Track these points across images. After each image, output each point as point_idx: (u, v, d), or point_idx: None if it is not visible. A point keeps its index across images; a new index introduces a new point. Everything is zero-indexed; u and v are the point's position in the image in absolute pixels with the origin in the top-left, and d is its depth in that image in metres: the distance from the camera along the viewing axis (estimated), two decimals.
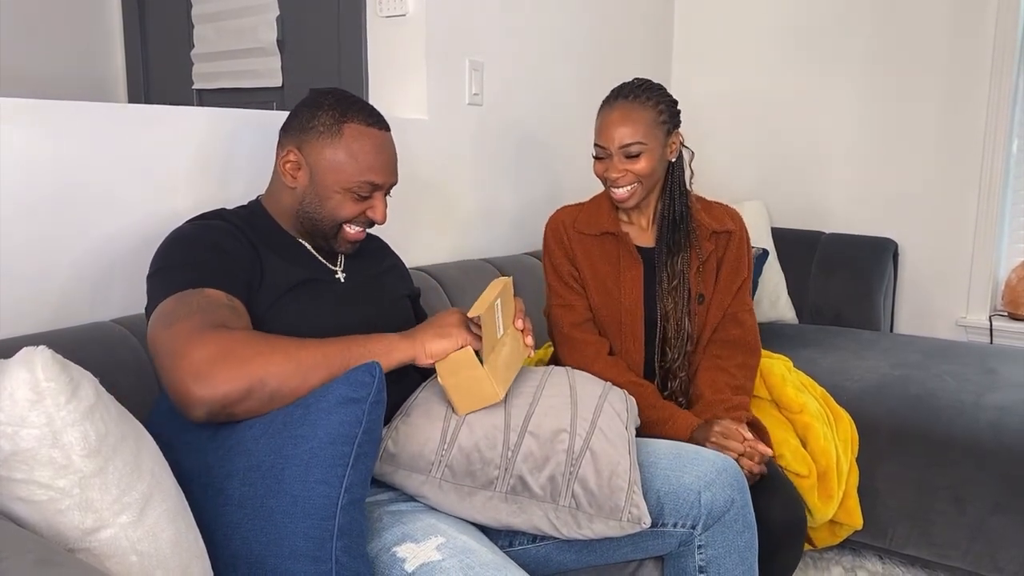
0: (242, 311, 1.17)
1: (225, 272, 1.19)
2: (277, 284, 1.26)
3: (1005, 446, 1.85)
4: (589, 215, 1.76)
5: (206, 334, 1.05)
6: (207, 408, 1.03)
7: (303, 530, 0.96)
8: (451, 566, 1.04)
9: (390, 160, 1.36)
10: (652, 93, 1.66)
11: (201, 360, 1.03)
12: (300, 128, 1.32)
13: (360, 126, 1.31)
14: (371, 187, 1.33)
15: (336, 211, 1.32)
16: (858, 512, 1.90)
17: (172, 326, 1.08)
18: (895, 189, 2.91)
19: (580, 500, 1.19)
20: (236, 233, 1.27)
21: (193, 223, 1.29)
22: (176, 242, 1.23)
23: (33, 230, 1.33)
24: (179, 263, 1.19)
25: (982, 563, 1.87)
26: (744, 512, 1.34)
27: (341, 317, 1.30)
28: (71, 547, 0.81)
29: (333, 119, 1.30)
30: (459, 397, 1.24)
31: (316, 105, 1.33)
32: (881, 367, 2.25)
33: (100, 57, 3.11)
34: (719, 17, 3.22)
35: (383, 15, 2.12)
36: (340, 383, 1.02)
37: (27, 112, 1.31)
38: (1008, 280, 2.77)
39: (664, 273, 1.71)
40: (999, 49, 2.65)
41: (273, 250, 1.30)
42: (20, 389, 0.78)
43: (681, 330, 1.70)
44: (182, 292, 1.13)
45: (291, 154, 1.33)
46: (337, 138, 1.30)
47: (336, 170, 1.30)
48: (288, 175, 1.33)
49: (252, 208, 1.39)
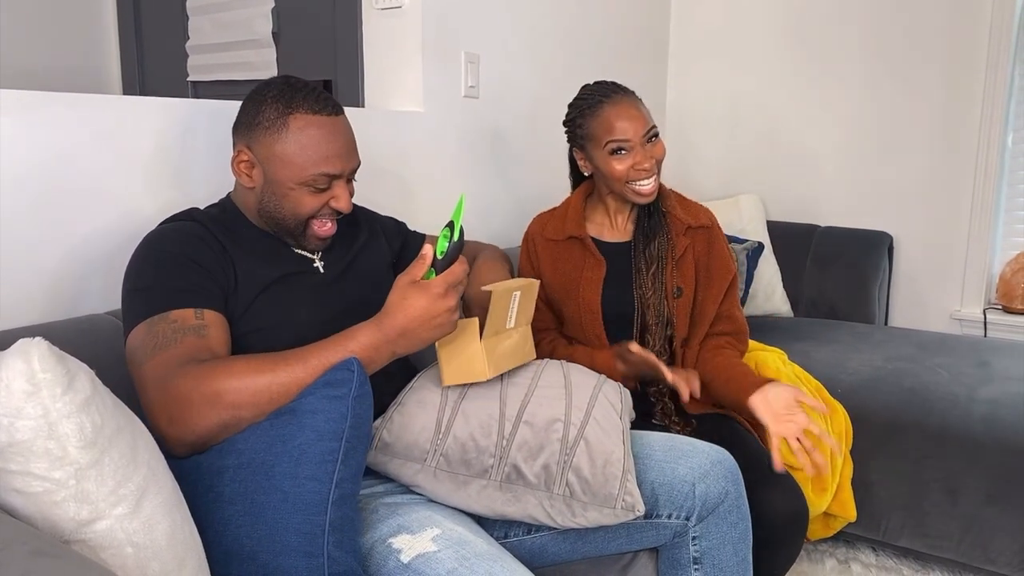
0: (214, 324, 1.15)
1: (192, 287, 1.16)
2: (253, 284, 1.24)
3: (998, 439, 1.86)
4: (557, 220, 1.79)
5: (172, 377, 1.04)
6: (187, 448, 1.04)
7: (294, 526, 0.97)
8: (447, 557, 1.04)
9: (344, 146, 1.28)
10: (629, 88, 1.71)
11: (171, 404, 1.03)
12: (247, 125, 1.27)
13: (306, 115, 1.24)
14: (327, 178, 1.26)
15: (296, 208, 1.27)
16: (852, 504, 1.91)
17: (143, 365, 1.08)
18: (890, 183, 2.92)
19: (574, 488, 1.19)
20: (207, 237, 1.24)
21: (163, 228, 1.26)
22: (144, 259, 1.20)
23: (25, 222, 1.33)
24: (145, 285, 1.16)
25: (974, 555, 1.89)
26: (738, 504, 1.34)
27: (324, 307, 1.29)
28: (66, 539, 0.81)
29: (277, 112, 1.24)
30: (448, 366, 1.24)
31: (260, 99, 1.26)
32: (875, 360, 2.26)
33: (94, 49, 3.10)
34: (715, 11, 3.22)
35: (379, 7, 2.12)
36: (321, 383, 1.03)
37: (16, 103, 1.30)
38: (1002, 273, 2.78)
39: (642, 260, 1.71)
40: (994, 43, 2.65)
41: (246, 250, 1.27)
42: (16, 380, 0.78)
43: (661, 317, 1.70)
44: (150, 319, 1.12)
45: (243, 153, 1.28)
46: (283, 131, 1.24)
47: (287, 165, 1.24)
48: (243, 175, 1.28)
49: (223, 205, 1.36)
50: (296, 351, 1.09)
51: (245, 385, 1.04)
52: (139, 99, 1.50)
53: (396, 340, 1.12)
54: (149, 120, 1.49)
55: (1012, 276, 2.74)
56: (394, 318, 1.12)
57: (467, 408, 1.24)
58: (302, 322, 1.24)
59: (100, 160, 1.42)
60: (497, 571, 1.02)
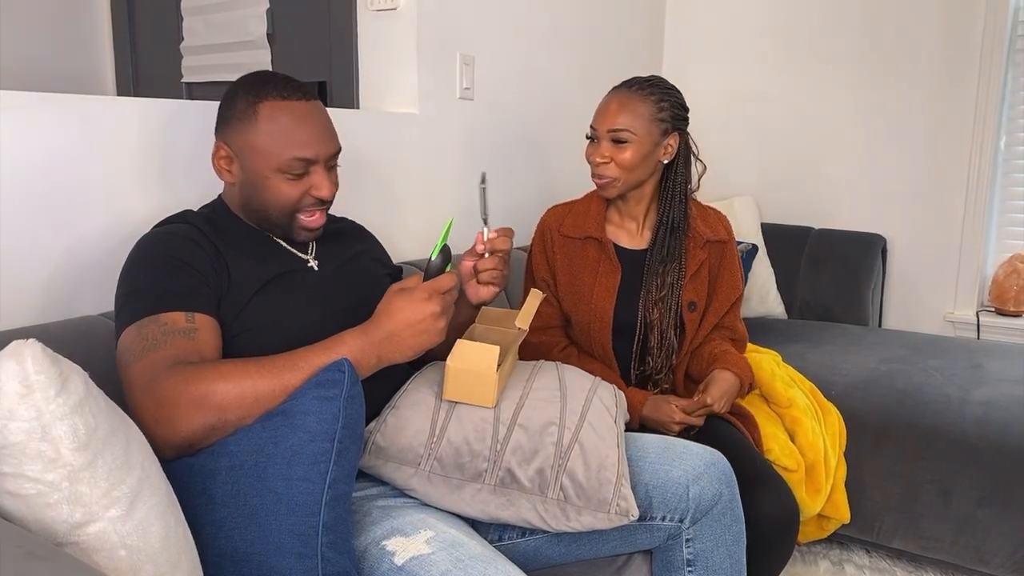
0: (205, 327, 1.14)
1: (185, 291, 1.16)
2: (247, 285, 1.23)
3: (991, 440, 1.86)
4: (576, 217, 1.74)
5: (159, 379, 1.04)
6: (174, 450, 1.03)
7: (288, 527, 0.97)
8: (441, 559, 1.04)
9: (317, 130, 1.27)
10: (658, 90, 1.65)
11: (157, 406, 1.03)
12: (222, 120, 1.28)
13: (275, 102, 1.24)
14: (302, 163, 1.25)
15: (277, 198, 1.26)
16: (845, 506, 1.91)
17: (131, 366, 1.07)
18: (884, 185, 2.92)
19: (568, 493, 1.19)
20: (200, 239, 1.24)
21: (156, 232, 1.26)
22: (137, 262, 1.20)
23: (19, 223, 1.32)
24: (137, 287, 1.16)
25: (967, 556, 1.89)
26: (732, 506, 1.35)
27: (318, 307, 1.28)
28: (60, 541, 0.81)
29: (247, 103, 1.25)
30: (455, 384, 1.24)
31: (233, 93, 1.28)
32: (869, 362, 2.26)
33: (87, 50, 3.09)
34: (711, 12, 3.22)
35: (373, 8, 2.12)
36: (312, 384, 1.03)
37: (9, 104, 1.29)
38: (995, 275, 2.79)
39: (654, 282, 1.69)
40: (988, 46, 2.67)
41: (239, 250, 1.27)
42: (9, 382, 0.78)
43: (665, 341, 1.70)
44: (140, 321, 1.11)
45: (221, 149, 1.28)
46: (254, 120, 1.24)
47: (260, 153, 1.24)
48: (224, 172, 1.29)
49: (215, 206, 1.35)
50: (284, 355, 1.09)
51: (232, 388, 1.03)
52: (133, 100, 1.50)
53: (381, 344, 1.12)
54: (143, 121, 1.49)
55: (1005, 278, 2.74)
56: (379, 322, 1.13)
57: (461, 411, 1.24)
58: (296, 322, 1.24)
59: (94, 161, 1.42)
60: (491, 573, 1.02)
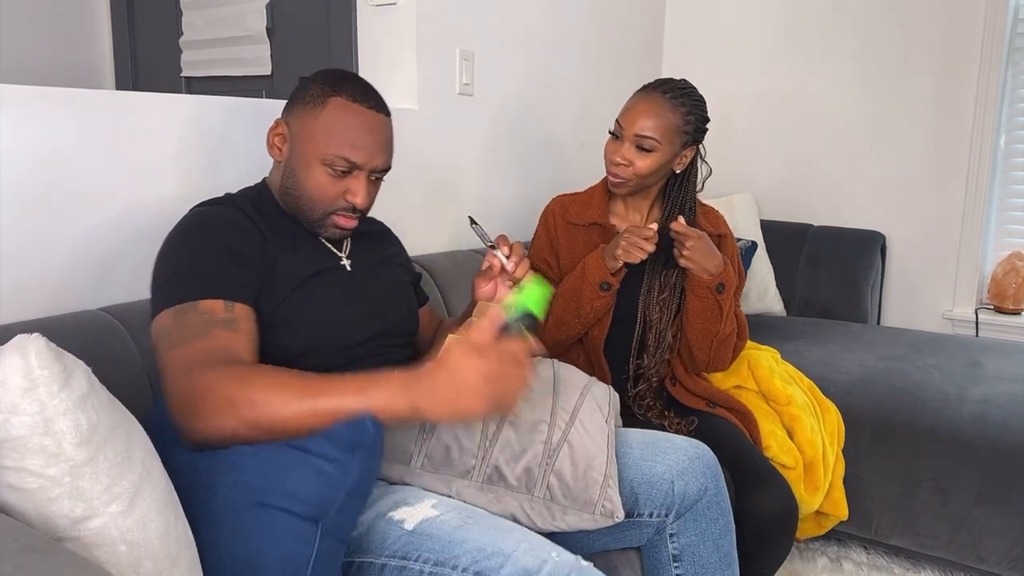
0: (244, 318, 1.14)
1: (226, 277, 1.15)
2: (290, 278, 1.23)
3: (988, 438, 1.87)
4: (581, 206, 1.76)
5: (195, 371, 1.03)
6: (191, 442, 1.01)
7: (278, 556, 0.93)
8: (450, 518, 1.07)
9: (373, 140, 1.28)
10: (689, 100, 1.65)
11: (188, 397, 1.02)
12: (292, 100, 1.30)
13: (346, 100, 1.26)
14: (347, 163, 1.25)
15: (312, 187, 1.26)
16: (844, 503, 1.92)
17: (170, 351, 1.07)
18: (883, 183, 2.93)
19: (555, 492, 1.19)
20: (247, 226, 1.23)
21: (200, 213, 1.25)
22: (182, 241, 1.19)
23: (22, 218, 1.32)
24: (178, 270, 1.15)
25: (965, 553, 1.90)
26: (718, 499, 1.35)
27: (349, 308, 1.29)
28: (60, 536, 0.81)
29: (321, 91, 1.27)
30: None
31: (312, 79, 1.30)
32: (868, 359, 2.27)
33: (87, 44, 3.08)
34: (709, 10, 3.22)
35: (373, 3, 2.11)
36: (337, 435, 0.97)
37: (10, 98, 1.29)
38: (994, 273, 2.80)
39: (656, 283, 1.69)
40: (987, 44, 2.67)
41: (282, 241, 1.26)
42: (13, 376, 0.78)
43: (663, 342, 1.70)
44: (179, 306, 1.10)
45: (280, 126, 1.30)
46: (320, 109, 1.26)
47: (312, 139, 1.25)
48: (275, 148, 1.31)
49: (259, 190, 1.35)
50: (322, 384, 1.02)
51: (261, 401, 1.00)
52: (134, 94, 1.49)
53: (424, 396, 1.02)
54: (144, 115, 1.49)
55: (1004, 276, 2.75)
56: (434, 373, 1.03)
57: None
58: (327, 322, 1.25)
59: (95, 156, 1.41)
60: (504, 526, 1.07)
